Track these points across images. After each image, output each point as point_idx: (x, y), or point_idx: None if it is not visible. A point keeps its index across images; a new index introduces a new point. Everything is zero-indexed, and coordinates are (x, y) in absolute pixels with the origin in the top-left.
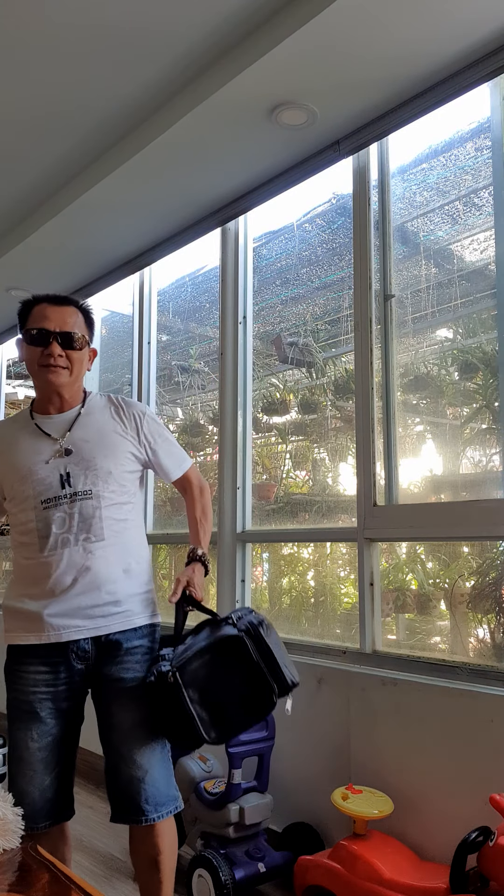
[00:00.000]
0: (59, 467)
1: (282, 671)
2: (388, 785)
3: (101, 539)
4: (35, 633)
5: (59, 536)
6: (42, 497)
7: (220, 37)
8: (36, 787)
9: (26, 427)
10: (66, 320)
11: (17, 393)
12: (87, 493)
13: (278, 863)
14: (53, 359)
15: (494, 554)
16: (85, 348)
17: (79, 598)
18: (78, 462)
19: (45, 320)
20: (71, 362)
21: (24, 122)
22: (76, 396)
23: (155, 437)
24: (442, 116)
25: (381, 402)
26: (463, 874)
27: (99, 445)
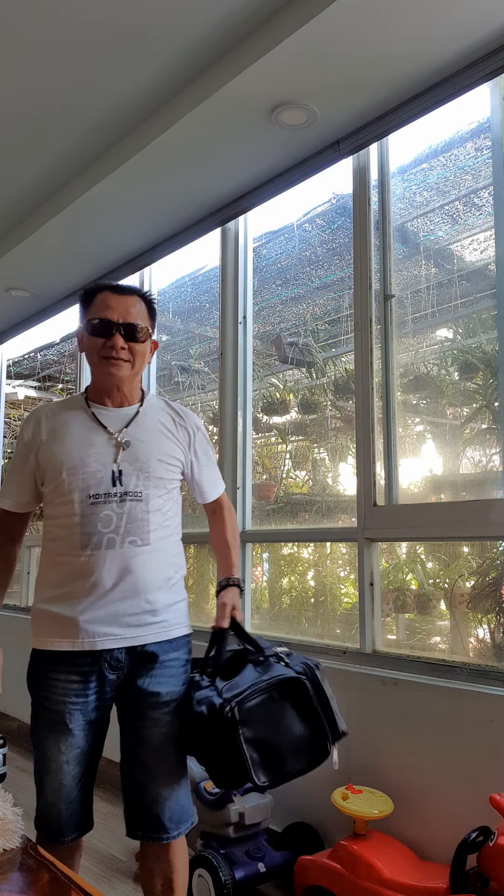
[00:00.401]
0: (112, 463)
1: (335, 718)
2: (388, 785)
3: (146, 543)
4: (68, 639)
5: (104, 535)
6: (90, 491)
7: (221, 36)
8: (63, 800)
9: (80, 414)
10: (130, 310)
11: (18, 393)
12: (137, 494)
13: (278, 863)
14: (116, 351)
15: (494, 554)
16: (147, 340)
17: (118, 604)
18: (132, 461)
19: (108, 310)
20: (133, 355)
21: (25, 121)
22: (135, 392)
23: (202, 455)
24: (442, 116)
25: (381, 402)
26: (463, 874)
27: (154, 448)
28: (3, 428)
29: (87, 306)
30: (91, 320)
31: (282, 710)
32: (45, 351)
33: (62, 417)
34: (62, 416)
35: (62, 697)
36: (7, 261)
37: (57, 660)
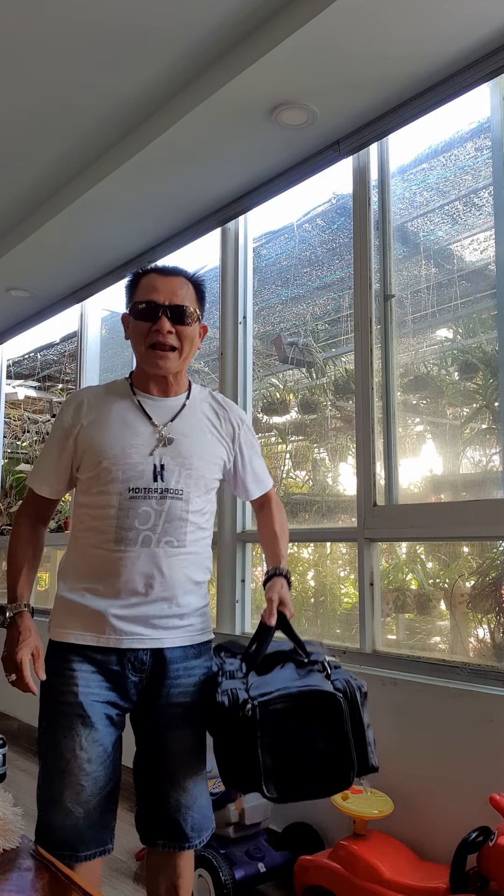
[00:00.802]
0: (155, 457)
1: (368, 750)
2: (388, 785)
3: (182, 545)
4: (94, 633)
5: (140, 532)
6: (131, 484)
7: (221, 36)
8: (81, 807)
9: (126, 401)
10: (177, 292)
11: (17, 393)
12: (178, 492)
13: (278, 863)
14: (163, 335)
15: (494, 554)
16: (196, 324)
17: (148, 605)
18: (175, 456)
19: (154, 292)
20: (181, 340)
21: (24, 121)
22: (182, 381)
23: (247, 449)
24: (442, 116)
25: (381, 402)
26: (463, 874)
27: (197, 444)
28: (3, 428)
29: (133, 290)
30: (137, 304)
31: (308, 724)
32: (45, 351)
33: (106, 403)
34: (106, 401)
35: (84, 687)
36: (7, 261)
37: (78, 653)
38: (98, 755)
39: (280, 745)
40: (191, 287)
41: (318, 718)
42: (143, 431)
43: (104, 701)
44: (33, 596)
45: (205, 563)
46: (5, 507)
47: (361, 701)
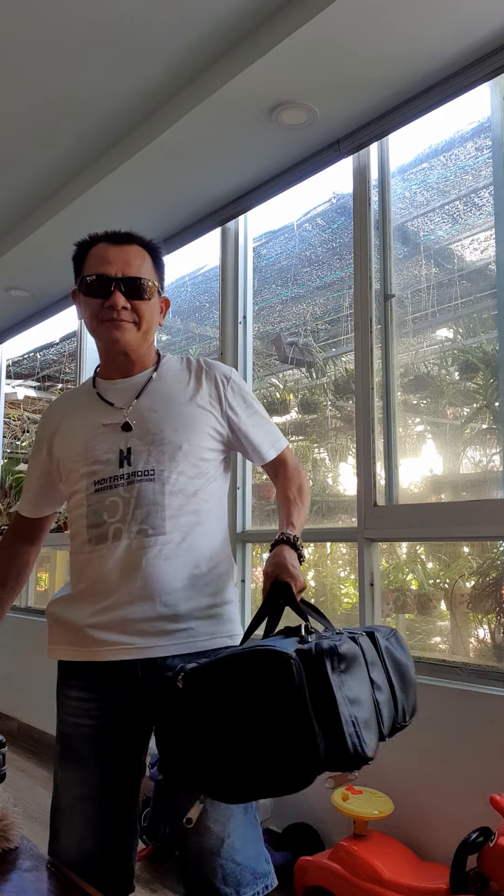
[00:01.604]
0: (120, 442)
1: (342, 731)
2: (389, 785)
3: (160, 533)
4: (75, 647)
5: (110, 526)
6: (95, 477)
7: (220, 36)
8: (74, 848)
9: (87, 396)
10: (131, 262)
11: (17, 393)
12: (148, 472)
13: (278, 863)
14: (117, 312)
15: (495, 554)
16: (155, 297)
17: (127, 607)
18: (142, 435)
19: (105, 264)
20: (139, 315)
21: (24, 121)
22: (147, 357)
23: (240, 409)
24: (442, 116)
25: (382, 401)
26: (463, 875)
27: (168, 416)
28: (3, 428)
29: (81, 262)
30: (85, 278)
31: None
32: (44, 351)
33: (70, 404)
34: (70, 403)
35: (74, 718)
36: (7, 261)
37: (71, 671)
38: (88, 794)
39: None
40: (147, 255)
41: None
42: (105, 419)
43: (95, 731)
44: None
45: (206, 552)
46: (5, 507)
47: (333, 666)
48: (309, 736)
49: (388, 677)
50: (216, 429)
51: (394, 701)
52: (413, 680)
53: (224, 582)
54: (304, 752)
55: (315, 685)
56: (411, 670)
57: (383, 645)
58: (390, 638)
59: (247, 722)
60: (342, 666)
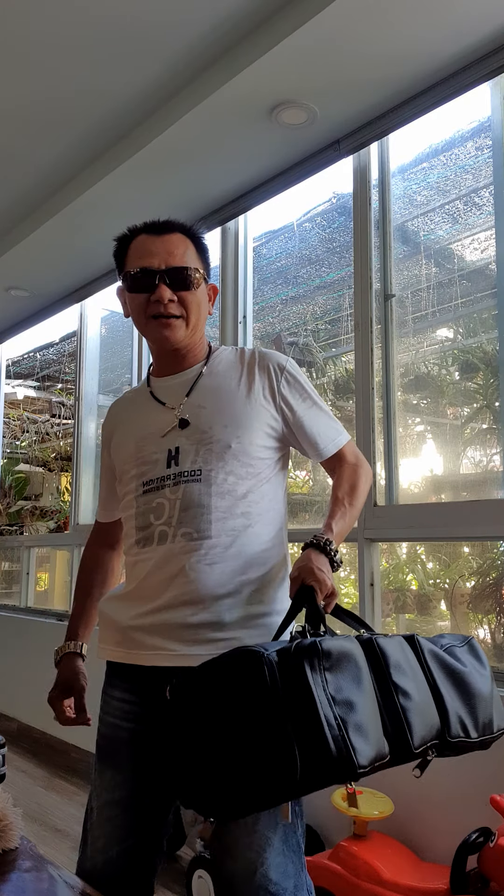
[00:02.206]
0: (170, 443)
1: (323, 733)
2: (389, 786)
3: (206, 536)
4: (120, 648)
5: (156, 528)
6: (144, 478)
7: (221, 35)
8: (100, 853)
9: (142, 395)
10: (174, 252)
11: (17, 393)
12: (194, 473)
13: None
14: (164, 307)
15: (495, 554)
16: (202, 286)
17: (171, 611)
18: (191, 434)
19: (148, 256)
20: (186, 308)
21: (24, 121)
22: (198, 351)
23: (295, 401)
24: (442, 116)
25: (382, 401)
26: (463, 875)
27: (217, 412)
28: (3, 428)
29: (122, 257)
30: (129, 273)
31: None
32: (44, 350)
33: (127, 405)
34: (127, 404)
35: (113, 719)
36: (7, 260)
37: (116, 672)
38: (119, 800)
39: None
40: (190, 243)
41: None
42: (157, 419)
43: (132, 736)
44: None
45: (256, 557)
46: (5, 508)
47: (312, 663)
48: (282, 739)
49: (429, 681)
50: (270, 424)
51: (441, 710)
52: (484, 691)
53: (275, 590)
54: (279, 757)
55: (291, 684)
56: (481, 681)
57: (427, 648)
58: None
59: (225, 728)
60: (326, 664)
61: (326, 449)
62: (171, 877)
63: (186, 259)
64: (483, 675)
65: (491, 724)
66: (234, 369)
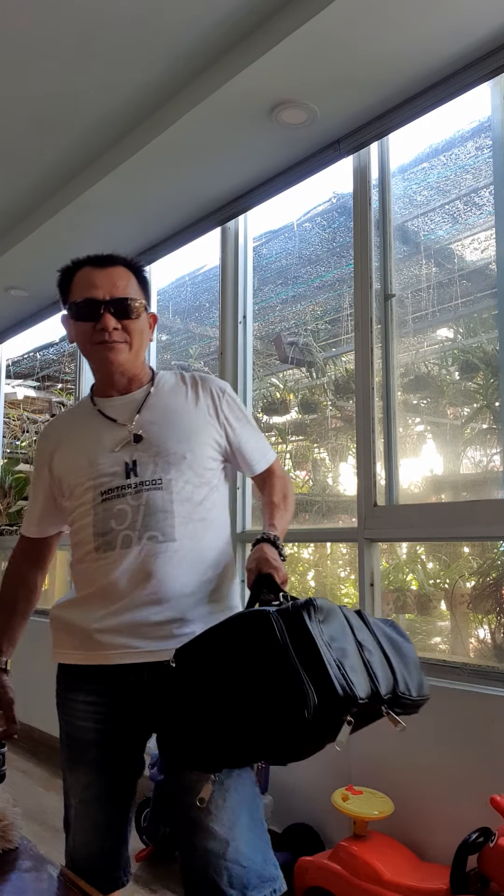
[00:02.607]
0: (126, 456)
1: (328, 672)
2: (389, 786)
3: (170, 539)
4: (81, 651)
5: (119, 533)
6: (102, 488)
7: (220, 35)
8: (83, 848)
9: (87, 413)
10: (117, 284)
11: (17, 393)
12: (156, 482)
13: None
14: (108, 333)
15: (495, 554)
16: (143, 315)
17: (137, 611)
18: (146, 448)
19: (93, 288)
20: (130, 335)
21: (24, 120)
22: (142, 374)
23: (234, 421)
24: (442, 115)
25: (382, 401)
26: (463, 875)
27: (170, 427)
28: (3, 428)
29: (67, 288)
30: (75, 303)
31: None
32: (44, 350)
33: (70, 423)
34: (70, 421)
35: (81, 722)
36: (6, 260)
37: (76, 675)
38: (94, 797)
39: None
40: (132, 276)
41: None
42: (109, 435)
43: (101, 735)
44: None
45: (212, 557)
46: (5, 508)
47: (311, 616)
48: (298, 683)
49: (378, 644)
50: (215, 439)
51: (390, 668)
52: (414, 659)
53: (228, 588)
54: (296, 700)
55: (297, 636)
56: (411, 650)
57: (372, 620)
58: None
59: (240, 683)
60: (320, 616)
61: (259, 464)
62: (171, 877)
63: (129, 290)
64: (410, 647)
65: (422, 687)
66: (180, 390)
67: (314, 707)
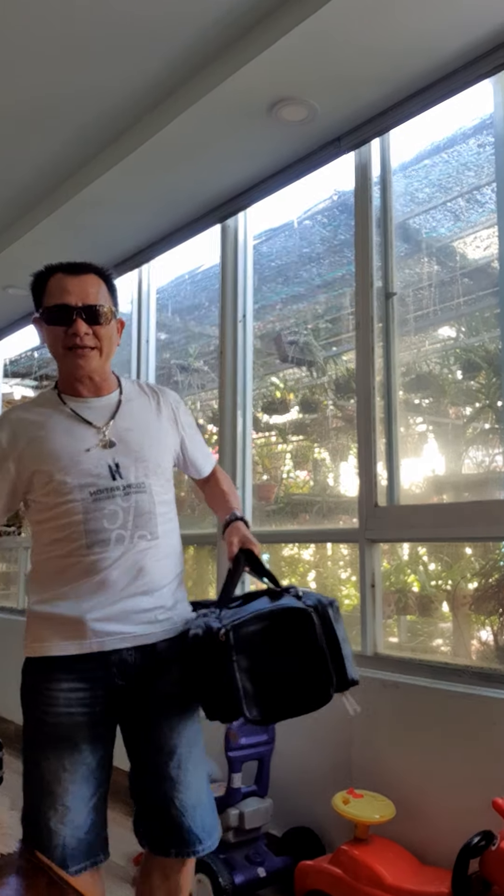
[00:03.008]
0: (106, 457)
1: (345, 663)
2: (390, 789)
3: (156, 538)
4: (75, 641)
5: (111, 532)
6: (92, 488)
7: (220, 31)
8: (68, 826)
9: (58, 412)
10: (89, 291)
11: (14, 392)
12: (140, 486)
13: (278, 867)
14: (80, 338)
15: (497, 555)
16: (113, 321)
17: (129, 601)
18: (127, 453)
19: (65, 294)
20: (100, 340)
21: (22, 118)
22: (110, 379)
23: (189, 429)
24: (444, 112)
25: (383, 401)
26: (465, 879)
27: (145, 435)
28: None
29: (41, 292)
30: (48, 308)
31: (283, 642)
32: (41, 350)
33: (39, 419)
34: (39, 417)
35: (66, 709)
36: (4, 258)
37: (58, 667)
38: (82, 776)
39: (258, 666)
40: (102, 283)
41: (292, 636)
42: (86, 436)
43: (88, 719)
44: None
45: (180, 553)
46: None
47: (334, 616)
48: (326, 668)
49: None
50: (174, 447)
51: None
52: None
53: (183, 579)
54: (324, 682)
55: (328, 634)
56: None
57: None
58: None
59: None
60: (337, 616)
61: (206, 468)
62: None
63: (100, 298)
64: None
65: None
66: (144, 398)
67: (334, 688)
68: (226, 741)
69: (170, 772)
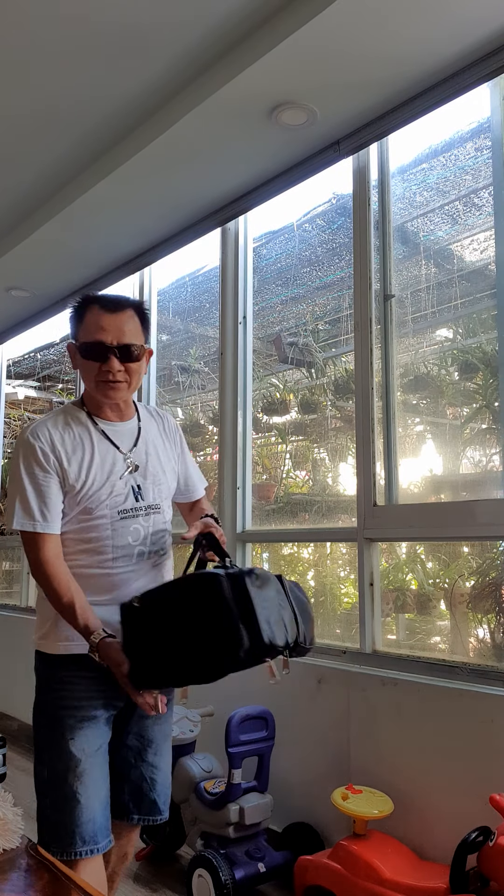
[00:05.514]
0: (130, 480)
1: (258, 626)
2: (388, 785)
3: (166, 555)
4: None
5: (135, 548)
6: (119, 507)
7: (220, 36)
8: (100, 802)
9: (91, 431)
10: (124, 329)
11: (18, 393)
12: (157, 507)
13: (278, 863)
14: (112, 374)
15: (494, 554)
16: (143, 356)
17: None
18: (146, 476)
19: (101, 332)
20: (130, 375)
21: (25, 121)
22: (132, 404)
23: (186, 453)
24: (442, 116)
25: (381, 402)
26: (463, 874)
27: (158, 461)
28: (3, 428)
29: (78, 322)
30: (85, 343)
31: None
32: (44, 351)
33: (73, 435)
34: (72, 433)
35: (86, 693)
36: (7, 261)
37: (82, 663)
38: (104, 752)
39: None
40: (136, 317)
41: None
42: (117, 459)
43: (104, 704)
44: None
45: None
46: (5, 508)
47: (251, 581)
48: (236, 630)
49: (290, 605)
50: (178, 470)
51: (296, 623)
52: (312, 615)
53: None
54: (233, 642)
55: (239, 595)
56: (310, 608)
57: (287, 583)
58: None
59: (195, 625)
60: (258, 583)
61: (198, 491)
62: (172, 876)
63: (134, 336)
64: (310, 605)
65: (313, 639)
66: (155, 423)
67: (246, 650)
68: (226, 738)
69: (148, 757)
